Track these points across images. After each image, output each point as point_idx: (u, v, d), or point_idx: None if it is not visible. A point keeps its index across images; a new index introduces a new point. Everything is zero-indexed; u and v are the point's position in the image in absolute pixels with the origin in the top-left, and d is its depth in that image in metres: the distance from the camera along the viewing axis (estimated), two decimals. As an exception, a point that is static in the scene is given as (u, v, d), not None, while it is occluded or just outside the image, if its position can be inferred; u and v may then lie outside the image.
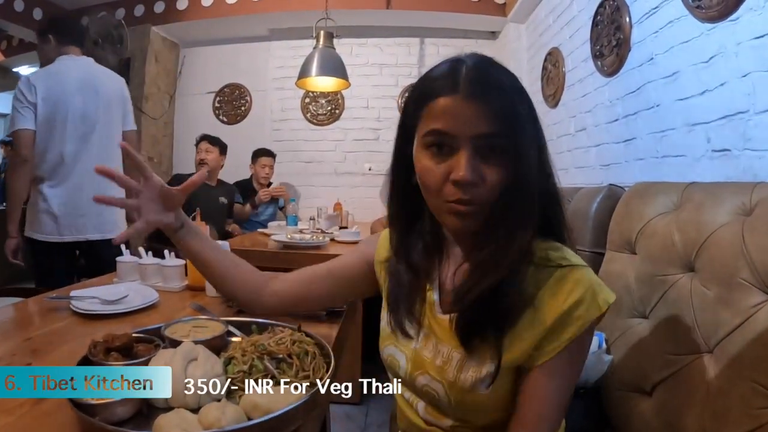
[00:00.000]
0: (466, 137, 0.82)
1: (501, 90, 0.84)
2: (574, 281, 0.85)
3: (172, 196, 1.08)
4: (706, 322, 1.21)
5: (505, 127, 0.82)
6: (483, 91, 0.82)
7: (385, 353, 1.06)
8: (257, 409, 0.75)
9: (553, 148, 3.65)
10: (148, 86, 5.19)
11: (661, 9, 2.26)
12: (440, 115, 0.84)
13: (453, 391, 0.90)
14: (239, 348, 0.93)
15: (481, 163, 0.83)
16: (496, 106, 0.82)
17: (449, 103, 0.83)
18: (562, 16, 3.59)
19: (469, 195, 0.83)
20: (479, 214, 0.86)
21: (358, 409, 2.95)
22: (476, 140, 0.82)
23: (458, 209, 0.85)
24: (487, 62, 0.87)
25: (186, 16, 5.13)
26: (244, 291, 1.17)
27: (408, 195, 0.96)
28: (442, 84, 0.85)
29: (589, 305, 0.83)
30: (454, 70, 0.85)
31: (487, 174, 0.83)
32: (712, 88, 1.92)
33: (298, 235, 3.19)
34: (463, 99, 0.82)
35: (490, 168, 0.83)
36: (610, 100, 2.82)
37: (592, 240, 1.94)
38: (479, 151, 0.83)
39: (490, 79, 0.84)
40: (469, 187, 0.83)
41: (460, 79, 0.83)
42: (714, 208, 1.32)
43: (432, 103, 0.85)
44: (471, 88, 0.82)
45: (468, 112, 0.82)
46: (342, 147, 5.45)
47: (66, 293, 1.41)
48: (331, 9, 3.84)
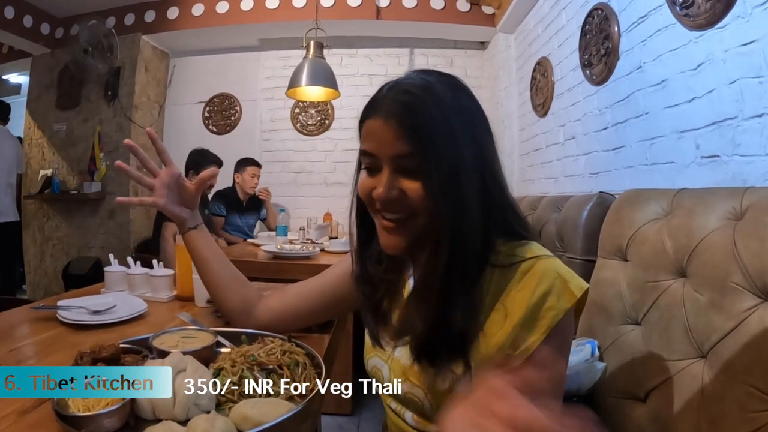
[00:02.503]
0: (386, 157, 0.86)
1: (416, 111, 0.84)
2: (541, 273, 0.85)
3: (187, 190, 1.20)
4: (700, 327, 1.21)
5: (417, 147, 0.83)
6: (398, 112, 0.84)
7: (369, 365, 1.06)
8: (247, 421, 0.74)
9: (542, 157, 3.72)
10: (137, 95, 5.17)
11: (650, 18, 2.28)
12: (366, 137, 0.89)
13: (432, 395, 0.90)
14: (229, 359, 0.91)
15: (402, 179, 0.86)
16: (408, 126, 0.83)
17: (372, 124, 0.88)
18: (550, 26, 3.61)
19: (390, 209, 0.87)
20: (404, 233, 0.89)
21: (349, 420, 2.93)
22: (394, 160, 0.85)
23: (385, 224, 0.89)
24: (419, 82, 0.88)
25: (176, 26, 5.12)
26: (236, 301, 1.19)
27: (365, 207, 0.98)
28: (369, 105, 0.90)
29: (559, 295, 0.83)
30: (385, 91, 0.89)
31: (408, 189, 0.85)
32: (701, 95, 1.93)
33: (288, 246, 3.18)
34: (382, 120, 0.85)
35: (410, 183, 0.85)
36: (599, 108, 2.83)
37: (583, 247, 1.94)
38: (399, 169, 0.86)
39: (409, 100, 0.85)
40: (388, 203, 0.86)
41: (384, 100, 0.87)
42: (705, 214, 1.32)
43: (363, 124, 0.90)
44: (390, 108, 0.85)
45: (386, 133, 0.85)
46: (332, 157, 5.45)
47: (53, 303, 1.39)
48: (321, 19, 3.85)
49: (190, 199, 1.21)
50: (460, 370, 0.86)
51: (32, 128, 5.48)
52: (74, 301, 1.40)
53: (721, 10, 1.79)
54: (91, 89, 5.23)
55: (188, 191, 1.20)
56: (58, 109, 5.34)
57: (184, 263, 1.58)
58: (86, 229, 5.27)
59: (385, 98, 0.87)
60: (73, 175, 5.28)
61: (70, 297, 1.50)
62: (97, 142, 5.07)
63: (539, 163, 3.87)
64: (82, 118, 5.26)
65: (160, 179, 1.19)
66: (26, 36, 5.09)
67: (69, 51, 5.14)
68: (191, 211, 1.22)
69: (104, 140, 5.12)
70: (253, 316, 1.18)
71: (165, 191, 1.18)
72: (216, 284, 1.20)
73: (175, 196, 1.19)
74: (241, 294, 1.20)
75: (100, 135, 5.10)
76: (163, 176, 1.19)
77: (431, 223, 0.86)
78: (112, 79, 5.12)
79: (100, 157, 5.04)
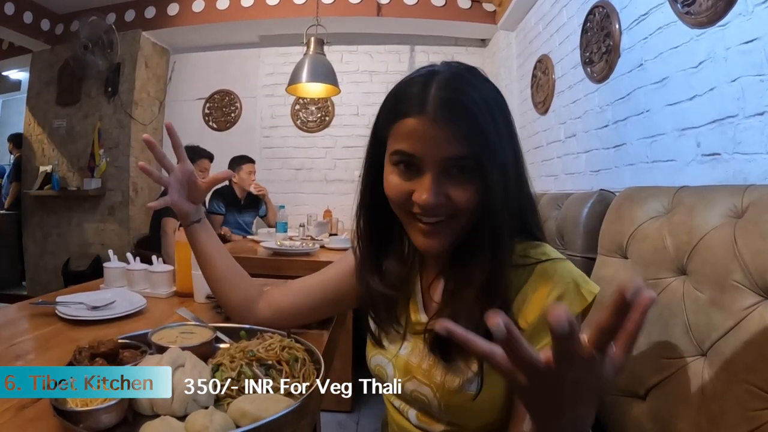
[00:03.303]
0: (432, 160, 0.82)
1: (471, 110, 0.80)
2: (557, 276, 0.84)
3: (197, 187, 1.19)
4: (700, 325, 1.21)
5: (474, 149, 0.80)
6: (451, 113, 0.80)
7: (372, 363, 1.05)
8: (246, 417, 0.73)
9: (542, 154, 3.72)
10: (137, 92, 5.17)
11: (651, 15, 2.28)
12: (407, 137, 0.83)
13: (441, 394, 0.90)
14: (227, 354, 0.91)
15: (448, 182, 0.83)
16: (465, 128, 0.80)
17: (416, 125, 0.82)
18: (551, 24, 3.61)
19: (432, 215, 0.84)
20: (446, 233, 0.86)
21: (349, 417, 2.93)
22: (443, 162, 0.82)
23: (424, 228, 0.86)
24: (460, 78, 0.84)
25: (176, 22, 5.12)
26: (237, 297, 1.19)
27: (379, 204, 0.95)
28: (411, 103, 0.83)
29: (572, 299, 0.83)
30: (425, 87, 0.83)
31: (454, 194, 0.83)
32: (702, 93, 1.93)
33: (288, 242, 3.18)
34: (431, 121, 0.80)
35: (457, 188, 0.83)
36: (599, 106, 2.83)
37: (584, 245, 1.94)
38: (446, 172, 0.82)
39: (460, 99, 0.81)
40: (432, 209, 0.83)
41: (429, 98, 0.81)
42: (705, 211, 1.32)
43: (400, 122, 0.84)
44: (439, 109, 0.80)
45: (435, 135, 0.80)
46: (332, 154, 5.45)
47: (52, 299, 1.39)
48: (321, 16, 3.84)
49: (198, 196, 1.20)
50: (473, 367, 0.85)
51: (32, 124, 5.48)
52: (73, 297, 1.40)
53: (723, 8, 1.79)
54: (91, 86, 5.23)
55: (198, 188, 1.19)
56: (58, 105, 5.34)
57: (184, 259, 1.57)
58: (86, 225, 5.27)
59: (431, 96, 0.81)
60: (73, 172, 5.28)
61: (69, 293, 1.50)
62: (97, 139, 5.07)
63: (540, 160, 3.86)
64: (82, 115, 5.26)
65: (175, 176, 1.18)
66: (26, 32, 5.08)
67: (69, 47, 5.13)
68: (196, 206, 1.21)
69: (104, 137, 5.12)
70: (254, 312, 1.18)
71: (178, 187, 1.17)
72: (217, 279, 1.19)
73: (185, 192, 1.18)
74: (243, 289, 1.20)
75: (100, 131, 5.10)
76: (177, 172, 1.18)
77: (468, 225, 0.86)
78: (112, 75, 5.12)
79: (100, 153, 5.05)
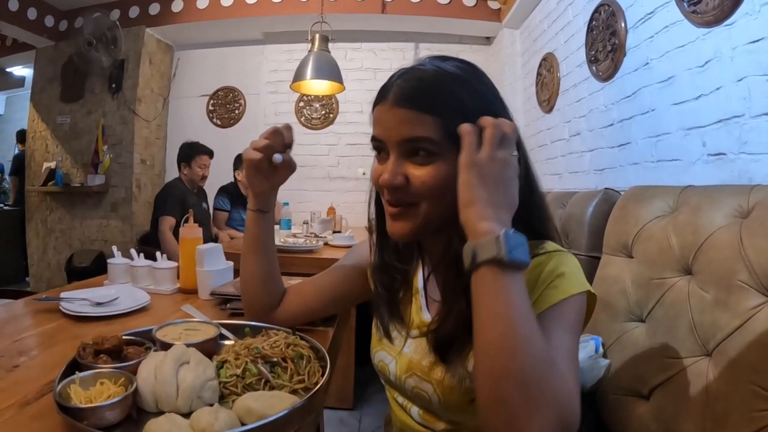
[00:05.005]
0: (392, 142, 0.86)
1: (429, 94, 0.84)
2: (557, 261, 0.83)
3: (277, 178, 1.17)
4: (705, 325, 1.20)
5: (430, 132, 0.82)
6: (406, 97, 0.84)
7: (375, 359, 1.06)
8: (251, 414, 0.73)
9: (547, 153, 3.72)
10: (141, 88, 5.18)
11: (657, 14, 2.27)
12: (376, 123, 0.90)
13: (442, 390, 0.90)
14: (232, 351, 0.91)
15: (409, 164, 0.85)
16: (421, 108, 0.83)
17: (379, 111, 0.88)
18: (557, 22, 3.60)
19: (395, 196, 0.87)
20: (410, 218, 0.88)
21: (351, 414, 2.93)
22: (402, 145, 0.85)
23: (390, 211, 0.89)
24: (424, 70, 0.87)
25: (180, 18, 5.12)
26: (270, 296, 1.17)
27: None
28: (379, 92, 0.90)
29: (571, 282, 0.81)
30: (392, 76, 0.89)
31: (412, 175, 0.85)
32: (708, 93, 1.93)
33: (292, 239, 3.18)
34: (390, 105, 0.85)
35: (417, 169, 0.85)
36: (605, 104, 2.83)
37: (588, 244, 1.93)
38: (408, 154, 0.86)
39: (420, 82, 0.85)
40: (394, 190, 0.87)
41: (390, 86, 0.87)
42: (711, 211, 1.31)
43: (374, 110, 0.91)
44: (396, 93, 0.85)
45: (393, 118, 0.85)
46: (336, 151, 5.45)
47: (56, 295, 1.39)
48: (326, 13, 3.84)
49: (277, 182, 1.18)
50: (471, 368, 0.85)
51: (36, 121, 5.49)
52: (77, 293, 1.40)
53: (730, 7, 1.78)
54: (95, 82, 5.23)
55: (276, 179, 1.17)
56: (62, 101, 5.34)
57: (188, 255, 1.57)
58: (89, 221, 5.28)
59: (394, 84, 0.86)
60: (76, 168, 5.29)
61: (73, 289, 1.50)
62: (101, 135, 5.07)
63: (543, 159, 3.86)
64: (86, 111, 5.26)
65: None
66: (30, 29, 5.09)
67: (73, 44, 5.14)
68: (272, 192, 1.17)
69: (108, 133, 5.13)
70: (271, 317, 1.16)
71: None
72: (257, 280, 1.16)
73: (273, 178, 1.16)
74: (277, 292, 1.18)
75: (103, 128, 5.10)
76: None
77: (437, 212, 0.86)
78: (116, 71, 5.12)
79: (104, 149, 5.05)
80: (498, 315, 0.68)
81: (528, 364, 0.64)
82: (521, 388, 0.63)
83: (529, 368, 0.64)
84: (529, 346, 0.66)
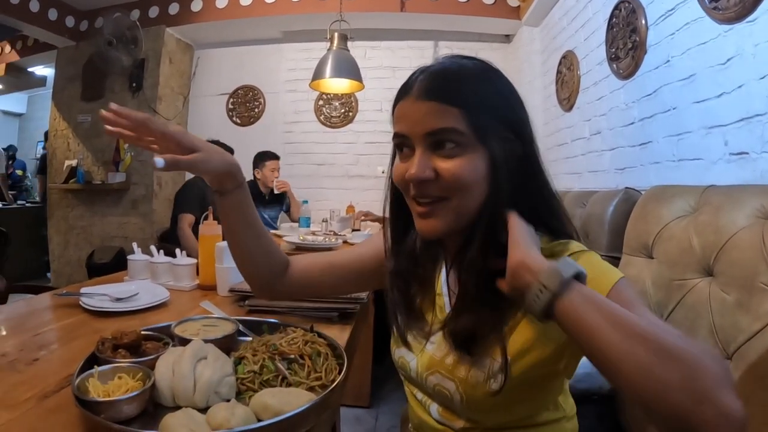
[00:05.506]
0: (417, 136, 0.85)
1: (452, 87, 0.84)
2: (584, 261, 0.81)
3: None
4: (725, 328, 1.19)
5: (457, 121, 0.82)
6: (432, 89, 0.84)
7: (396, 355, 1.05)
8: (268, 410, 0.73)
9: (567, 151, 3.69)
10: (161, 87, 5.22)
11: (678, 11, 2.24)
12: (399, 119, 0.88)
13: (465, 388, 0.89)
14: (250, 348, 0.92)
15: (437, 157, 0.84)
16: (446, 100, 0.82)
17: (403, 106, 0.87)
18: (576, 19, 3.57)
19: (424, 190, 0.85)
20: (442, 215, 0.87)
21: (367, 412, 2.93)
22: (428, 137, 0.84)
23: (419, 210, 0.88)
24: (447, 65, 0.88)
25: (200, 18, 5.15)
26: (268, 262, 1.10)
27: (400, 198, 0.96)
28: (401, 89, 0.89)
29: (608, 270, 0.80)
30: (414, 74, 0.89)
31: (441, 167, 0.84)
32: (730, 91, 1.90)
33: (311, 237, 3.19)
34: (414, 99, 0.85)
35: (446, 162, 0.84)
36: (625, 103, 2.80)
37: (608, 244, 1.92)
38: (435, 147, 0.85)
39: (442, 78, 0.85)
40: (422, 184, 0.85)
41: (413, 81, 0.87)
42: (733, 212, 1.30)
43: (396, 107, 0.90)
44: (420, 87, 0.85)
45: (418, 112, 0.84)
46: (354, 150, 5.45)
47: (76, 290, 1.41)
48: (345, 11, 3.84)
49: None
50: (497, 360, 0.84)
51: (57, 119, 5.56)
52: (97, 289, 1.42)
53: (751, 3, 1.75)
54: (115, 81, 5.28)
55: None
56: (83, 100, 5.40)
57: (207, 252, 1.58)
58: (110, 218, 5.34)
59: (417, 79, 0.86)
60: (97, 166, 5.35)
61: (93, 285, 1.52)
62: (122, 133, 5.11)
63: (563, 157, 3.83)
64: (107, 110, 5.28)
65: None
66: (51, 29, 5.16)
67: (93, 44, 5.19)
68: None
69: (129, 131, 5.16)
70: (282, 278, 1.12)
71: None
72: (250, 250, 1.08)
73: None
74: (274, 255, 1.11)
75: (124, 126, 5.14)
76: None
77: (466, 205, 0.85)
78: (136, 71, 5.16)
79: (125, 148, 5.10)
80: (620, 337, 0.63)
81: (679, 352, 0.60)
82: (690, 370, 0.59)
83: (680, 351, 0.60)
84: (658, 335, 0.62)
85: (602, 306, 0.67)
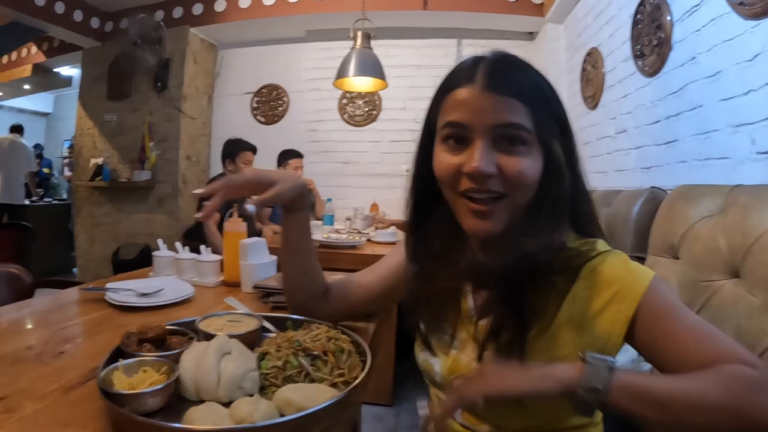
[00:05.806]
0: (481, 128, 0.82)
1: (519, 81, 0.83)
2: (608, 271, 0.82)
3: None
4: (752, 330, 1.17)
5: (523, 119, 0.81)
6: (499, 82, 0.81)
7: (420, 358, 1.04)
8: (290, 406, 0.74)
9: (592, 150, 3.65)
10: (186, 86, 5.29)
11: (703, 6, 2.21)
12: (457, 107, 0.84)
13: None
14: (274, 343, 0.92)
15: (498, 153, 0.82)
16: (514, 96, 0.81)
17: (465, 93, 0.83)
18: (601, 16, 3.53)
19: (483, 186, 0.82)
20: (499, 214, 0.84)
21: (388, 410, 2.93)
22: (493, 130, 0.81)
23: (475, 207, 0.84)
24: (509, 57, 0.87)
25: (223, 18, 5.21)
26: (310, 292, 1.16)
27: (428, 194, 0.95)
28: (461, 76, 0.85)
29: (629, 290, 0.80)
30: (475, 63, 0.86)
31: (504, 164, 0.81)
32: (757, 88, 1.86)
33: (335, 235, 3.21)
34: (481, 89, 0.82)
35: (508, 158, 0.82)
36: (651, 101, 2.76)
37: (634, 244, 1.90)
38: (496, 141, 0.82)
39: (508, 70, 0.84)
40: (482, 178, 0.81)
41: (478, 70, 0.83)
42: (761, 212, 1.27)
43: (450, 94, 0.86)
44: (487, 79, 0.82)
45: (484, 103, 0.81)
46: (378, 148, 5.46)
47: (102, 285, 1.43)
48: (367, 10, 3.84)
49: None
50: None
51: (83, 118, 5.66)
52: (123, 284, 1.44)
53: (780, -2, 1.72)
54: (140, 81, 5.37)
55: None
56: (109, 100, 5.50)
57: (232, 249, 1.60)
58: (135, 215, 5.43)
59: (479, 69, 0.83)
60: (123, 164, 5.43)
61: (118, 280, 1.54)
62: (147, 132, 5.21)
63: (588, 156, 3.79)
64: (132, 109, 5.40)
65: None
66: (77, 30, 5.27)
67: (119, 44, 5.27)
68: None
69: (154, 130, 5.27)
70: (315, 314, 1.14)
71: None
72: (301, 273, 1.16)
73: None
74: (319, 282, 1.17)
75: (150, 125, 5.24)
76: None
77: (521, 206, 0.85)
78: (161, 70, 5.24)
79: (150, 146, 5.18)
80: (671, 419, 0.68)
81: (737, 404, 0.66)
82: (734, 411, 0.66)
83: (742, 403, 0.66)
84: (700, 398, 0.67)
85: (648, 396, 0.68)
